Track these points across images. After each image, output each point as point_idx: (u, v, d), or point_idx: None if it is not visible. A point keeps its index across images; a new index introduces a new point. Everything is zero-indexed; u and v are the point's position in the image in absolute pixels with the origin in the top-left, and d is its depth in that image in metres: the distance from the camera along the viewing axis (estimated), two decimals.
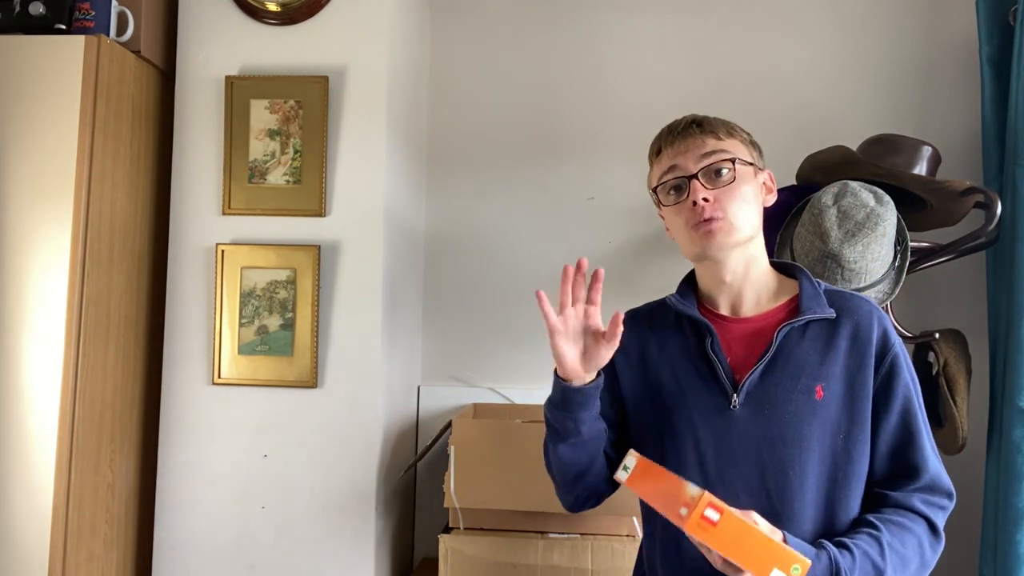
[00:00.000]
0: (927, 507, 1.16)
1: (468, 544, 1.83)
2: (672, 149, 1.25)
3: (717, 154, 1.22)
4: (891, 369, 1.19)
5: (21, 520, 1.72)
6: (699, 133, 1.24)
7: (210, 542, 1.95)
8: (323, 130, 1.96)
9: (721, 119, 1.28)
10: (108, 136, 1.87)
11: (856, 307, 1.22)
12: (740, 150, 1.24)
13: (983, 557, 1.93)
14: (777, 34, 2.35)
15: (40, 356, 1.75)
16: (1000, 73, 2.03)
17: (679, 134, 1.25)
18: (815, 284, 1.26)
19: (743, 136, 1.27)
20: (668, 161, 1.26)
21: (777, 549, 0.97)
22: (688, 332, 1.27)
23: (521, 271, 2.39)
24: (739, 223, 1.21)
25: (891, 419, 1.18)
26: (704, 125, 1.25)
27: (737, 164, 1.22)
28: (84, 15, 1.88)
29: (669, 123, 1.30)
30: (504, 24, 2.44)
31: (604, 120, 2.39)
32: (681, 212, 1.23)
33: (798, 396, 1.17)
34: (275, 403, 1.96)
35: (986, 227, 1.84)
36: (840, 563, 1.07)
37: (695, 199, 1.20)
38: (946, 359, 1.91)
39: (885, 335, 1.20)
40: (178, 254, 2.02)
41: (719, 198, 1.20)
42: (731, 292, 1.26)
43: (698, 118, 1.27)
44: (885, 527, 1.12)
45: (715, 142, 1.23)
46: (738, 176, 1.22)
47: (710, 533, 0.97)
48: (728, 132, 1.25)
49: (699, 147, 1.23)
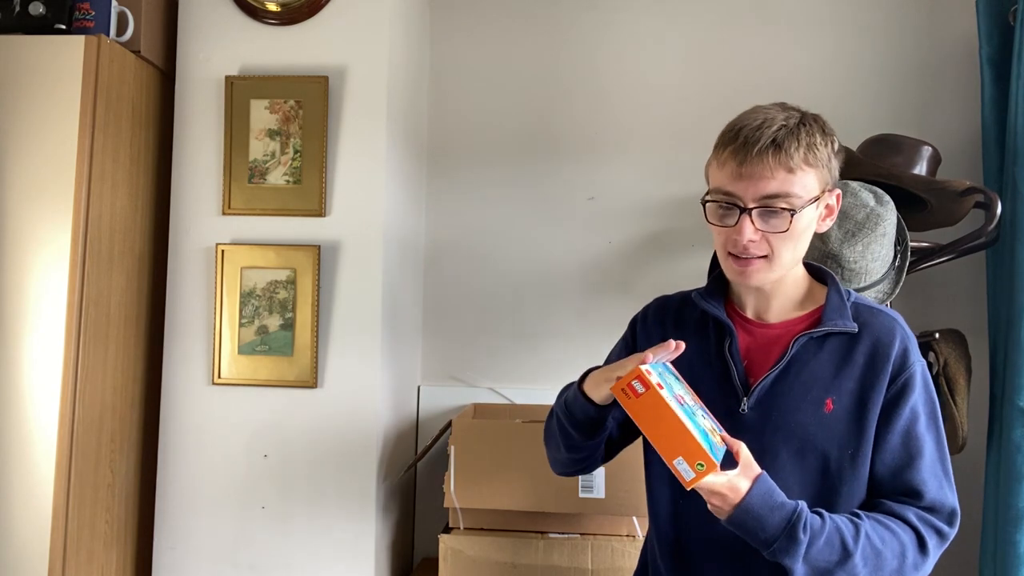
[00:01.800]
0: (920, 522, 1.13)
1: (468, 544, 1.83)
2: (738, 167, 1.11)
3: (780, 199, 1.11)
4: (903, 388, 1.15)
5: (21, 520, 1.72)
6: (772, 161, 1.10)
7: (210, 542, 1.95)
8: (323, 130, 1.96)
9: (809, 132, 1.12)
10: (108, 136, 1.87)
11: (880, 324, 1.19)
12: (809, 185, 1.12)
13: (983, 557, 1.93)
14: (777, 34, 2.35)
15: (40, 356, 1.75)
16: (1000, 73, 2.03)
17: (754, 155, 1.10)
18: (843, 295, 1.22)
19: (823, 160, 1.14)
20: (729, 179, 1.13)
21: (688, 440, 1.00)
22: (711, 330, 1.25)
23: (521, 271, 2.39)
24: (779, 263, 1.15)
25: (892, 438, 1.15)
26: (783, 149, 1.10)
27: (796, 213, 1.12)
28: (84, 15, 1.88)
29: (749, 121, 1.13)
30: (504, 24, 2.44)
31: (604, 120, 2.39)
32: (723, 235, 1.16)
33: (807, 406, 1.15)
34: (275, 403, 1.96)
35: (986, 227, 1.84)
36: (804, 515, 1.06)
37: (740, 236, 1.12)
38: (946, 359, 1.91)
39: (905, 354, 1.17)
40: (178, 254, 2.02)
41: (767, 239, 1.13)
42: (759, 298, 1.24)
43: (780, 137, 1.10)
44: (868, 519, 1.11)
45: (785, 177, 1.10)
46: (791, 225, 1.12)
47: (631, 402, 1.02)
48: (807, 158, 1.11)
49: (766, 179, 1.10)
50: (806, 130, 1.13)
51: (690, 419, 1.03)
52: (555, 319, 2.36)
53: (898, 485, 1.15)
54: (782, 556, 1.05)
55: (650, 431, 1.03)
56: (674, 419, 1.01)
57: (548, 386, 2.32)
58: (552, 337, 2.36)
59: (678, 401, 1.05)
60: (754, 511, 1.05)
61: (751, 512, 1.05)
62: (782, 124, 1.12)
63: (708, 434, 1.05)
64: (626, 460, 1.40)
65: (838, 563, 1.07)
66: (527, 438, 1.84)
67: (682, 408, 1.04)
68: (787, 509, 1.06)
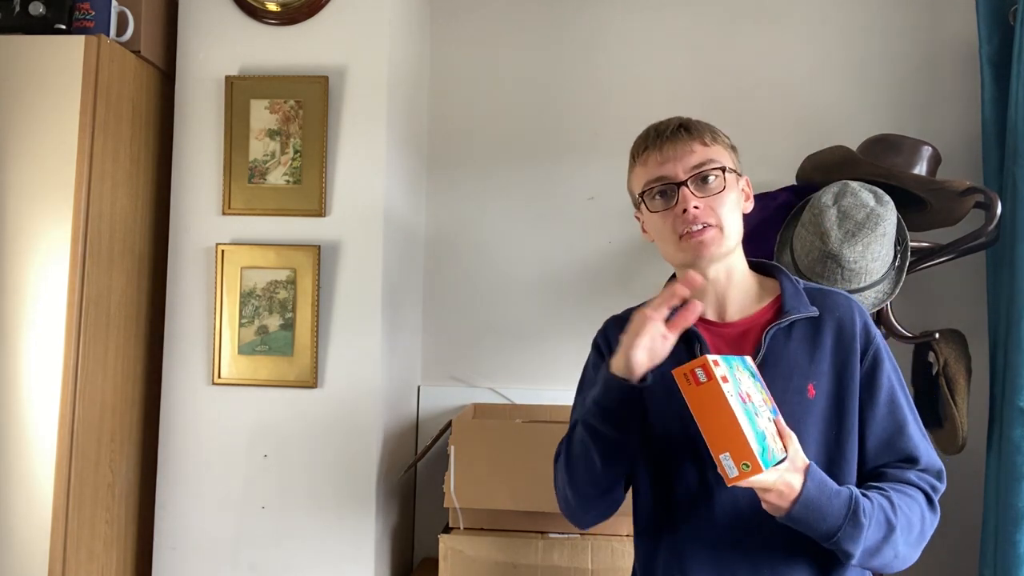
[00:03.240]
0: (923, 483, 1.17)
1: (468, 544, 1.83)
2: (660, 154, 1.22)
3: (707, 163, 1.20)
4: (874, 361, 1.20)
5: (21, 520, 1.72)
6: (687, 138, 1.21)
7: (210, 542, 1.95)
8: (323, 130, 1.96)
9: (705, 123, 1.25)
10: (108, 136, 1.87)
11: (836, 303, 1.23)
12: (725, 156, 1.23)
13: (983, 557, 1.93)
14: (777, 34, 2.35)
15: (40, 356, 1.75)
16: (1000, 73, 2.03)
17: (667, 138, 1.22)
18: (795, 282, 1.26)
19: (725, 141, 1.26)
20: (655, 166, 1.22)
21: (739, 437, 0.98)
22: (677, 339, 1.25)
23: (521, 271, 2.39)
24: (728, 230, 1.20)
25: (878, 410, 1.19)
26: (692, 129, 1.22)
27: (726, 172, 1.21)
28: (84, 15, 1.88)
29: (653, 124, 1.27)
30: (504, 24, 2.44)
31: (604, 120, 2.39)
32: (668, 219, 1.21)
33: (791, 396, 1.17)
34: (275, 403, 1.96)
35: (986, 227, 1.84)
36: (860, 502, 1.07)
37: (686, 207, 1.18)
38: (946, 359, 1.91)
39: (866, 328, 1.22)
40: (178, 254, 2.02)
41: (709, 205, 1.19)
42: (715, 298, 1.25)
43: (684, 121, 1.24)
44: (893, 491, 1.14)
45: (703, 148, 1.21)
46: (726, 184, 1.21)
47: (689, 388, 1.01)
48: (713, 137, 1.23)
49: (687, 153, 1.21)
50: (704, 122, 1.26)
51: (748, 418, 1.02)
52: (555, 319, 2.36)
53: (893, 453, 1.19)
54: (846, 543, 1.06)
55: (703, 421, 1.01)
56: (729, 413, 0.99)
57: (548, 386, 2.32)
58: (552, 337, 2.36)
59: (741, 398, 1.03)
60: (813, 504, 1.05)
61: (811, 505, 1.05)
62: (682, 118, 1.26)
63: (765, 437, 1.03)
64: None
65: (884, 539, 1.09)
66: (527, 438, 1.84)
67: (743, 405, 1.02)
68: (844, 496, 1.07)
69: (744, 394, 1.05)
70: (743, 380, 1.08)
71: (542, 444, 1.82)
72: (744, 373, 1.11)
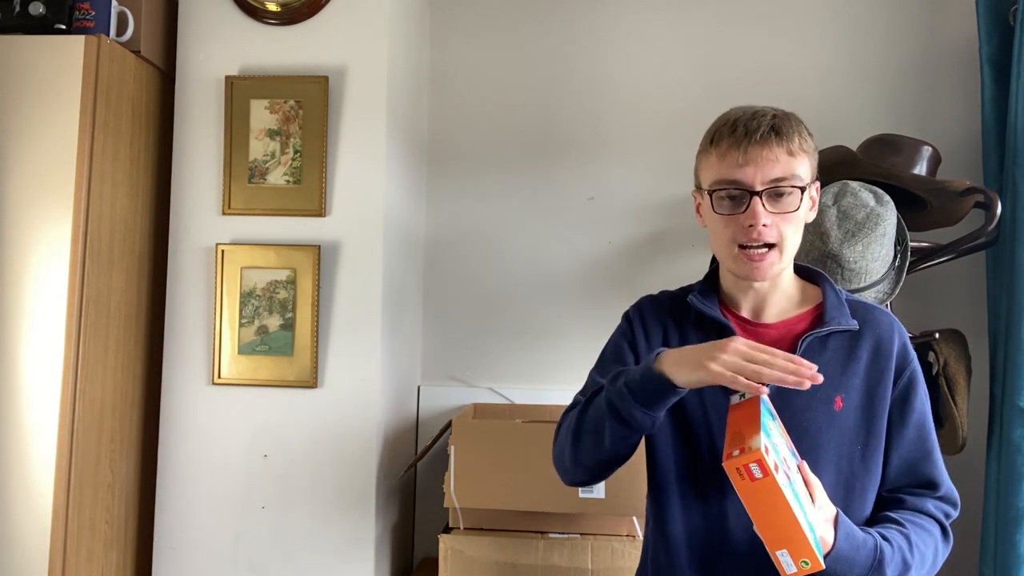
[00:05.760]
0: (939, 512, 1.18)
1: (468, 544, 1.83)
2: (742, 154, 1.13)
3: (787, 178, 1.13)
4: (909, 383, 1.19)
5: (21, 520, 1.72)
6: (775, 143, 1.13)
7: (210, 542, 1.95)
8: (323, 130, 1.96)
9: (798, 123, 1.17)
10: (108, 136, 1.87)
11: (879, 320, 1.21)
12: (806, 168, 1.16)
13: (983, 557, 1.93)
14: (777, 34, 2.35)
15: (40, 356, 1.75)
16: (1000, 73, 2.03)
17: (756, 141, 1.13)
18: (838, 293, 1.24)
19: (810, 147, 1.17)
20: (733, 166, 1.14)
21: (798, 536, 0.97)
22: (709, 332, 1.23)
23: (521, 271, 2.39)
24: (788, 251, 1.16)
25: (908, 433, 1.18)
26: (783, 134, 1.13)
27: (805, 191, 1.15)
28: (84, 15, 1.88)
29: (742, 113, 1.16)
30: (504, 24, 2.44)
31: (604, 120, 2.39)
32: (731, 225, 1.15)
33: (817, 405, 1.16)
34: (275, 403, 1.96)
35: (986, 227, 1.84)
36: (884, 551, 1.08)
37: (754, 221, 1.12)
38: (946, 359, 1.91)
39: (905, 350, 1.20)
40: (178, 254, 2.02)
41: (776, 223, 1.14)
42: (756, 298, 1.24)
43: (777, 123, 1.14)
44: (911, 526, 1.14)
45: (787, 159, 1.13)
46: (801, 203, 1.15)
47: (744, 484, 0.96)
48: (801, 144, 1.15)
49: (771, 162, 1.12)
50: (795, 119, 1.18)
51: (798, 506, 0.98)
52: (555, 319, 2.36)
53: (915, 477, 1.19)
54: None
55: (758, 516, 0.98)
56: (787, 511, 0.96)
57: (548, 386, 2.32)
58: (552, 337, 2.36)
59: (786, 477, 0.99)
60: (844, 557, 1.05)
61: (841, 558, 1.05)
62: (774, 114, 1.16)
63: (812, 524, 1.01)
64: None
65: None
66: (527, 438, 1.84)
67: (793, 492, 0.99)
68: (869, 545, 1.08)
69: (785, 469, 1.00)
70: (779, 444, 1.04)
71: (542, 444, 1.81)
72: (772, 425, 1.06)
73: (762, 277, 1.17)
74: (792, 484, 1.00)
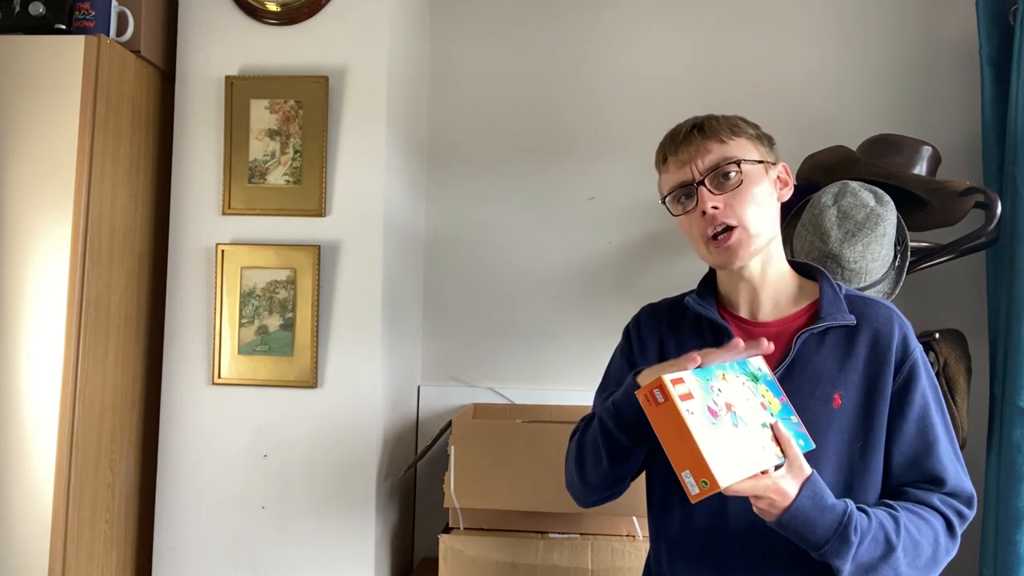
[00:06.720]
0: (946, 507, 1.15)
1: (468, 544, 1.83)
2: (676, 158, 1.22)
3: (723, 160, 1.18)
4: (908, 376, 1.17)
5: (21, 520, 1.72)
6: (701, 138, 1.20)
7: (210, 542, 1.95)
8: (323, 130, 1.96)
9: (724, 118, 1.24)
10: (108, 136, 1.87)
11: (876, 314, 1.21)
12: (746, 149, 1.21)
13: (983, 557, 1.93)
14: (777, 34, 2.35)
15: (40, 356, 1.75)
16: (1000, 73, 2.03)
17: (681, 141, 1.22)
18: (836, 288, 1.23)
19: (749, 133, 1.23)
20: (674, 170, 1.23)
21: (697, 457, 0.99)
22: (707, 333, 1.25)
23: (521, 271, 2.39)
24: (755, 228, 1.18)
25: (907, 427, 1.16)
26: (706, 129, 1.21)
27: (743, 165, 1.18)
28: (84, 15, 1.88)
29: (672, 129, 1.26)
30: (504, 24, 2.44)
31: (604, 120, 2.39)
32: (693, 222, 1.21)
33: (815, 403, 1.16)
34: (275, 403, 1.96)
35: (986, 227, 1.84)
36: (854, 516, 1.06)
37: (704, 208, 1.17)
38: (946, 359, 1.91)
39: (905, 342, 1.19)
40: (178, 254, 2.02)
41: (729, 204, 1.17)
42: (750, 294, 1.24)
43: (699, 121, 1.23)
44: (904, 510, 1.12)
45: (719, 146, 1.19)
46: (746, 177, 1.18)
47: (650, 408, 1.03)
48: (732, 132, 1.21)
49: (702, 153, 1.19)
50: (724, 117, 1.24)
51: (714, 432, 1.01)
52: (555, 319, 2.36)
53: (919, 473, 1.16)
54: (832, 557, 1.06)
55: (664, 439, 1.02)
56: (686, 432, 1.00)
57: (548, 386, 2.32)
58: (552, 337, 2.36)
59: (711, 412, 1.03)
60: (803, 514, 1.04)
61: (800, 516, 1.04)
62: (707, 116, 1.25)
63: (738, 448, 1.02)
64: None
65: (882, 557, 1.07)
66: (527, 438, 1.84)
67: (710, 420, 1.02)
68: (837, 511, 1.06)
69: (722, 405, 1.04)
70: (729, 388, 1.07)
71: (542, 444, 1.82)
72: (737, 379, 1.09)
73: (737, 259, 1.19)
74: (719, 420, 1.03)
